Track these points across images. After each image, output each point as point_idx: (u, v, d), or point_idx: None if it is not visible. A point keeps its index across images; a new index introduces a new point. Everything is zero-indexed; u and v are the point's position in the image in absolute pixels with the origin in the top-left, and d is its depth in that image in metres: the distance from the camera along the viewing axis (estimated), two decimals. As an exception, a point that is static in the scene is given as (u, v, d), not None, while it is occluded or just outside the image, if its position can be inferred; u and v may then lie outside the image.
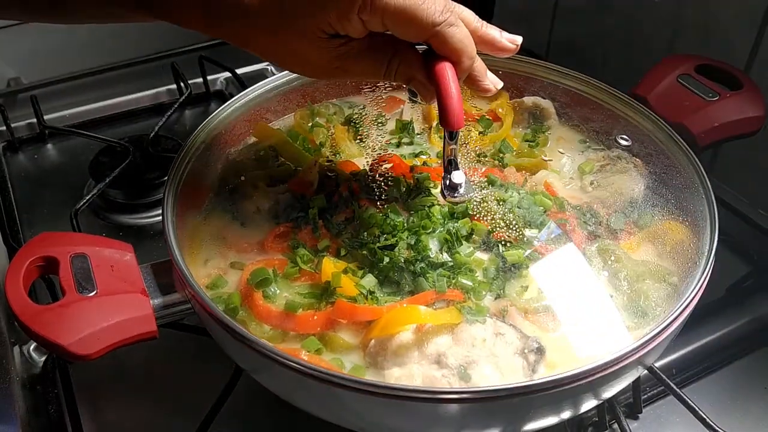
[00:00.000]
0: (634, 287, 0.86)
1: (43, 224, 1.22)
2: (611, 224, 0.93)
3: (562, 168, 1.04)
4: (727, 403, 0.94)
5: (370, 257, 0.87)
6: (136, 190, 1.24)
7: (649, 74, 1.12)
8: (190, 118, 1.45)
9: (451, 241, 0.89)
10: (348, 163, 1.04)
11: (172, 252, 0.82)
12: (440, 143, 1.09)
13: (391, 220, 0.91)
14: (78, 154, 1.35)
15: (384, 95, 1.18)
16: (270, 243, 0.92)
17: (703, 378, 0.97)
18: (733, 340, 1.00)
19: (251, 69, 1.54)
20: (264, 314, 0.81)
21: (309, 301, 0.83)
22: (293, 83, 1.12)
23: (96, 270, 0.81)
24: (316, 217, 0.93)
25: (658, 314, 0.83)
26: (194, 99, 1.48)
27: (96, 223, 1.22)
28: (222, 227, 0.95)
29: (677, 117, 1.04)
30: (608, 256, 0.88)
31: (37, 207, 1.26)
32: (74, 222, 1.11)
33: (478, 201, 0.96)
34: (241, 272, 0.89)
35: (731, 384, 0.96)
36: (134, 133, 1.36)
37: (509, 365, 0.77)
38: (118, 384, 0.99)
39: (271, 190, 0.99)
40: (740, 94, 1.05)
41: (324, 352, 0.80)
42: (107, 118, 1.45)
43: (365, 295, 0.82)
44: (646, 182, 0.98)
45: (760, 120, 1.04)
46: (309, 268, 0.87)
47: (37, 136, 1.41)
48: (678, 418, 0.92)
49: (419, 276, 0.85)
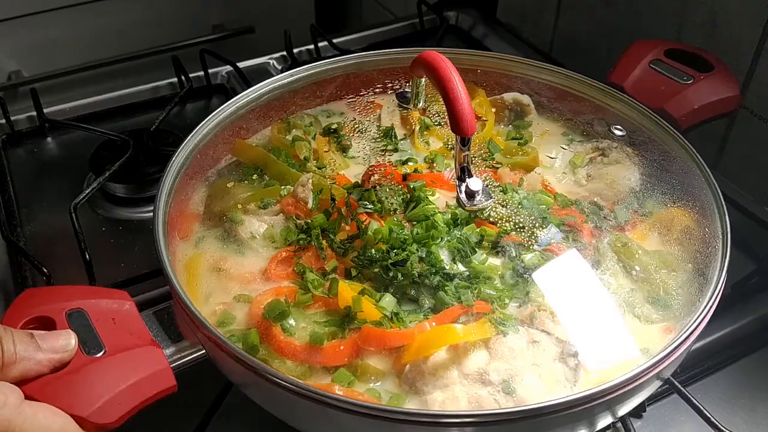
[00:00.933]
0: (653, 279, 0.85)
1: (43, 218, 1.20)
2: (618, 216, 0.92)
3: (553, 164, 1.03)
4: (732, 402, 0.93)
5: (384, 275, 0.83)
6: (136, 184, 1.22)
7: (620, 62, 1.12)
8: (191, 112, 1.43)
9: (464, 250, 0.86)
10: (338, 176, 1.00)
11: (179, 297, 0.75)
12: (425, 148, 1.07)
13: (397, 233, 0.88)
14: (78, 148, 1.32)
15: (358, 101, 1.15)
16: (273, 270, 0.86)
17: (708, 377, 0.97)
18: (738, 338, 0.99)
19: (253, 63, 1.52)
20: (287, 350, 0.76)
21: (331, 330, 0.79)
22: (265, 96, 1.06)
23: (98, 325, 0.73)
24: (320, 238, 0.88)
25: (680, 305, 0.82)
26: (195, 93, 1.46)
27: (95, 218, 1.20)
28: (217, 258, 0.89)
29: (656, 102, 1.04)
30: (622, 250, 0.88)
31: (36, 201, 1.23)
32: (74, 216, 1.08)
33: (479, 205, 0.94)
34: (247, 305, 0.83)
35: (736, 383, 0.96)
36: (135, 126, 1.34)
37: (551, 373, 0.75)
38: None
39: (264, 213, 0.93)
40: (713, 75, 1.07)
41: (356, 383, 0.75)
42: (107, 112, 1.42)
43: (389, 317, 0.78)
44: (641, 170, 0.98)
45: (735, 99, 1.07)
46: (321, 293, 0.83)
47: (37, 130, 1.38)
48: (682, 417, 0.91)
49: (438, 290, 0.82)
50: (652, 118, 0.99)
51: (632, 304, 0.83)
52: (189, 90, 1.42)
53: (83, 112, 1.40)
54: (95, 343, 0.72)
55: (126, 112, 1.43)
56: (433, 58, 0.81)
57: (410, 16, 1.70)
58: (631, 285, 0.86)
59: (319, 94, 1.13)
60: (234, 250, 0.90)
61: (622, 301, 0.83)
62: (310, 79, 1.10)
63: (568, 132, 1.09)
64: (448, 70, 0.78)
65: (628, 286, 0.85)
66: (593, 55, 1.49)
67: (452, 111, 0.77)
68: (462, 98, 0.77)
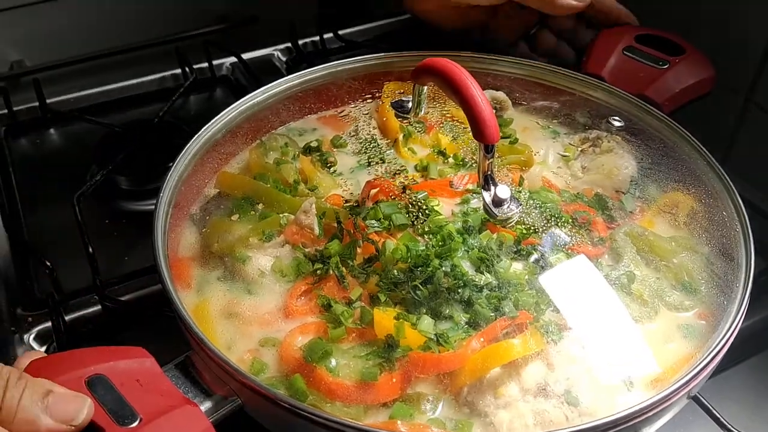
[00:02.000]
0: (675, 265, 0.86)
1: (45, 210, 1.18)
2: (626, 206, 0.92)
3: (544, 159, 1.02)
4: (741, 401, 0.92)
5: (415, 296, 0.79)
6: (140, 176, 1.19)
7: (594, 51, 1.13)
8: (195, 104, 1.41)
9: (488, 259, 0.84)
10: (334, 197, 0.95)
11: (208, 348, 0.69)
12: (411, 156, 1.03)
13: (416, 250, 0.84)
14: (81, 139, 1.31)
15: (328, 114, 1.10)
16: (294, 306, 0.81)
17: (717, 376, 0.93)
18: (748, 336, 0.94)
19: (257, 54, 1.50)
20: (339, 391, 0.71)
21: (376, 362, 0.74)
22: (237, 119, 1.00)
23: (124, 390, 0.65)
24: (340, 266, 0.83)
25: (707, 288, 0.83)
26: (200, 84, 1.43)
27: (99, 210, 1.17)
28: (228, 302, 0.82)
29: (637, 89, 1.05)
30: (639, 239, 0.88)
31: (38, 192, 1.22)
32: (77, 208, 1.07)
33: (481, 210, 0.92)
34: (275, 349, 0.77)
35: (745, 382, 0.94)
36: (139, 118, 1.33)
37: (605, 376, 0.74)
38: None
39: (268, 246, 0.87)
40: (687, 58, 1.09)
41: (416, 415, 0.71)
42: (111, 103, 1.40)
43: (434, 339, 0.75)
44: (635, 157, 0.98)
45: (712, 80, 1.09)
46: (353, 324, 0.78)
47: (39, 120, 1.35)
48: (690, 417, 0.88)
49: (471, 304, 0.79)
50: (637, 104, 1.00)
51: (661, 293, 0.83)
52: (193, 82, 1.40)
53: (87, 103, 1.38)
54: (128, 412, 0.64)
55: (130, 104, 1.41)
56: (445, 65, 0.77)
57: None
58: (656, 274, 0.86)
59: (289, 111, 1.08)
60: (243, 290, 0.84)
61: (652, 291, 0.83)
62: (282, 95, 1.05)
63: (548, 125, 1.09)
64: (464, 78, 0.75)
65: (652, 275, 0.85)
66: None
67: (475, 118, 0.74)
68: (483, 105, 0.74)
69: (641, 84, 1.06)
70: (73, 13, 1.38)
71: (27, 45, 1.44)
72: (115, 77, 1.41)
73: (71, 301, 0.99)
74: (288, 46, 1.50)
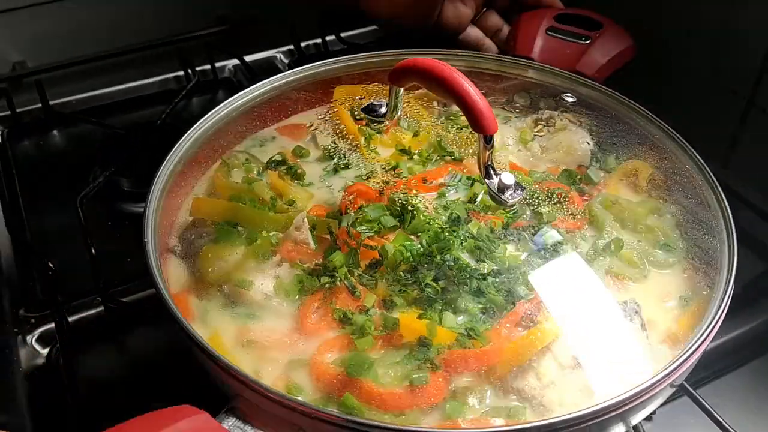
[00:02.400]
0: (650, 227, 0.92)
1: (48, 212, 1.19)
2: (593, 178, 0.97)
3: (502, 144, 1.05)
4: (743, 405, 0.92)
5: (428, 294, 0.80)
6: (142, 178, 1.10)
7: (518, 35, 1.18)
8: (198, 106, 1.41)
9: (485, 247, 0.86)
10: (317, 207, 0.93)
11: (261, 387, 0.65)
12: (377, 157, 1.03)
13: (414, 249, 0.84)
14: (84, 141, 1.32)
15: (284, 124, 1.08)
16: (312, 324, 0.79)
17: (718, 379, 0.95)
18: (749, 339, 0.98)
19: (260, 56, 1.50)
20: (391, 401, 0.70)
21: (414, 365, 0.74)
22: (193, 146, 0.95)
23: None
24: (348, 277, 0.81)
25: (686, 244, 0.89)
26: (202, 86, 1.44)
27: (102, 212, 1.18)
28: (239, 331, 0.79)
29: (568, 65, 1.11)
30: (614, 207, 0.93)
31: (41, 194, 1.22)
32: (80, 210, 1.08)
33: (464, 199, 0.94)
34: (304, 370, 0.75)
35: (747, 385, 0.94)
36: (141, 120, 1.34)
37: (626, 334, 0.78)
38: (123, 375, 0.95)
39: (265, 268, 0.84)
40: (606, 31, 1.16)
41: (467, 411, 0.72)
42: (114, 105, 1.41)
43: (465, 334, 0.76)
44: (589, 131, 1.04)
45: (632, 48, 1.17)
46: (379, 332, 0.77)
47: (42, 122, 1.35)
48: (692, 420, 0.89)
49: (483, 293, 0.81)
50: (575, 79, 1.05)
51: (647, 254, 0.88)
52: (196, 84, 1.41)
53: (89, 105, 1.39)
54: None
55: (132, 106, 1.41)
56: (432, 64, 0.78)
57: None
58: (637, 237, 0.91)
59: (247, 125, 1.05)
60: (248, 315, 0.81)
61: (639, 254, 0.88)
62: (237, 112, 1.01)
63: (497, 113, 1.11)
64: (454, 74, 0.76)
65: (634, 239, 0.91)
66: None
67: (472, 111, 0.76)
68: (478, 97, 0.76)
69: (570, 60, 1.12)
70: (76, 14, 1.37)
71: (29, 46, 1.43)
72: (117, 79, 1.43)
73: (74, 302, 1.00)
74: (290, 48, 1.51)
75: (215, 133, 0.99)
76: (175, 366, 0.90)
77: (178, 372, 0.89)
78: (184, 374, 0.87)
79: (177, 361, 0.88)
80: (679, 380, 0.75)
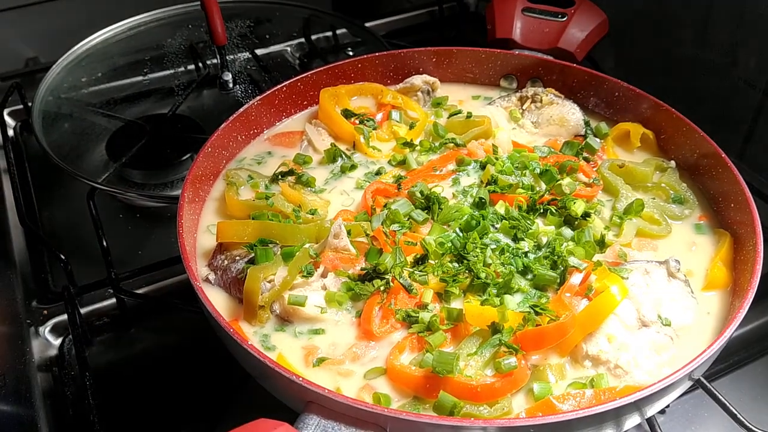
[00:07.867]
0: (658, 185, 0.96)
1: (60, 204, 1.18)
2: (593, 146, 1.00)
3: (498, 124, 1.06)
4: (758, 398, 0.91)
5: (483, 278, 0.80)
6: (153, 170, 1.17)
7: (496, 19, 1.18)
8: (208, 98, 1.37)
9: (519, 225, 0.87)
10: (344, 211, 0.91)
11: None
12: (379, 153, 1.02)
13: (456, 240, 0.85)
14: (95, 133, 1.27)
15: (273, 133, 1.05)
16: (378, 330, 0.77)
17: (733, 372, 0.94)
18: (763, 333, 0.99)
19: (271, 50, 1.47)
20: (486, 392, 0.70)
21: (495, 351, 0.74)
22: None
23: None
24: (403, 275, 0.81)
25: (693, 196, 0.94)
26: (212, 79, 1.38)
27: (113, 203, 1.16)
28: (306, 349, 0.77)
29: (549, 44, 1.15)
30: (620, 171, 0.96)
31: (53, 186, 1.21)
32: (91, 202, 1.06)
33: (479, 184, 0.95)
34: (382, 376, 0.74)
35: (760, 378, 0.93)
36: (152, 112, 1.31)
37: (676, 292, 0.81)
38: (133, 366, 0.95)
39: (312, 280, 0.82)
40: (580, 7, 1.19)
41: (554, 389, 0.73)
42: (125, 97, 1.36)
43: (532, 312, 0.77)
44: (575, 102, 1.07)
45: (606, 21, 1.20)
46: (447, 325, 0.77)
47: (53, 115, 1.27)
48: (706, 413, 0.90)
49: (531, 270, 0.82)
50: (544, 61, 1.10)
51: (665, 209, 0.92)
52: (206, 76, 1.37)
53: (100, 98, 1.33)
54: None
55: (143, 98, 1.36)
56: None
57: (428, 3, 1.67)
58: (649, 196, 0.95)
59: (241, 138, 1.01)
60: (311, 332, 0.78)
61: (658, 210, 0.92)
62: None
63: (479, 95, 1.14)
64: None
65: (648, 197, 0.94)
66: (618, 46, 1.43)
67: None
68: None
69: (551, 39, 1.15)
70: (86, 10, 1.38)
71: (42, 42, 1.44)
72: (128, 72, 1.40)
73: (86, 294, 1.00)
74: (301, 41, 1.49)
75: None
76: (187, 355, 0.95)
77: (189, 361, 0.93)
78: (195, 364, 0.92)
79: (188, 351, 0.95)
80: (697, 373, 0.75)
